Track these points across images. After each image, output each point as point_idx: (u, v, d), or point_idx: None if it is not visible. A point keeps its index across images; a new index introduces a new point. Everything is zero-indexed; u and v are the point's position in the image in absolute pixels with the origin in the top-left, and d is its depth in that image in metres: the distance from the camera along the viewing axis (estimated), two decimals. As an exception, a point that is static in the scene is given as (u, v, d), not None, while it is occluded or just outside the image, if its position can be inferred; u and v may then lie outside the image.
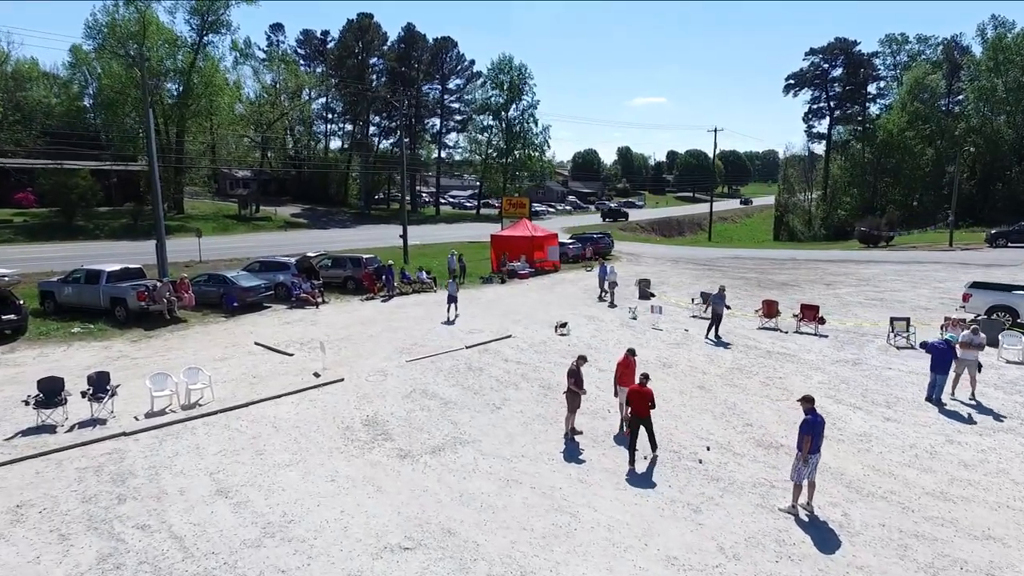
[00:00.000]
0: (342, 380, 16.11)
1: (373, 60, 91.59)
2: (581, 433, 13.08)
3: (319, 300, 25.75)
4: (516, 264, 34.54)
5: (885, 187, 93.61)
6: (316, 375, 16.46)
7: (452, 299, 23.90)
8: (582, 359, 12.99)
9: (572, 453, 12.22)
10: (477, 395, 15.24)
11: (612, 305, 27.23)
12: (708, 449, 12.40)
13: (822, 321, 21.82)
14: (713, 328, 20.88)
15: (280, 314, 24.06)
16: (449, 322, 23.30)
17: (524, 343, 20.11)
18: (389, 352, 18.78)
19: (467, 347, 19.33)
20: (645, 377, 11.96)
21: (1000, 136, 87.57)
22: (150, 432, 12.72)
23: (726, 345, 20.12)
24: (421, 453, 12.04)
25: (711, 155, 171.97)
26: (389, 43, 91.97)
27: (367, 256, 29.77)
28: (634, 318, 23.94)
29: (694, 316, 24.44)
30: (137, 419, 13.35)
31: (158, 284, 21.98)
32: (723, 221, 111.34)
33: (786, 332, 21.84)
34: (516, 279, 33.73)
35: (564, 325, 21.51)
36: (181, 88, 64.07)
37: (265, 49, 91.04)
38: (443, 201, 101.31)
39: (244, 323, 22.43)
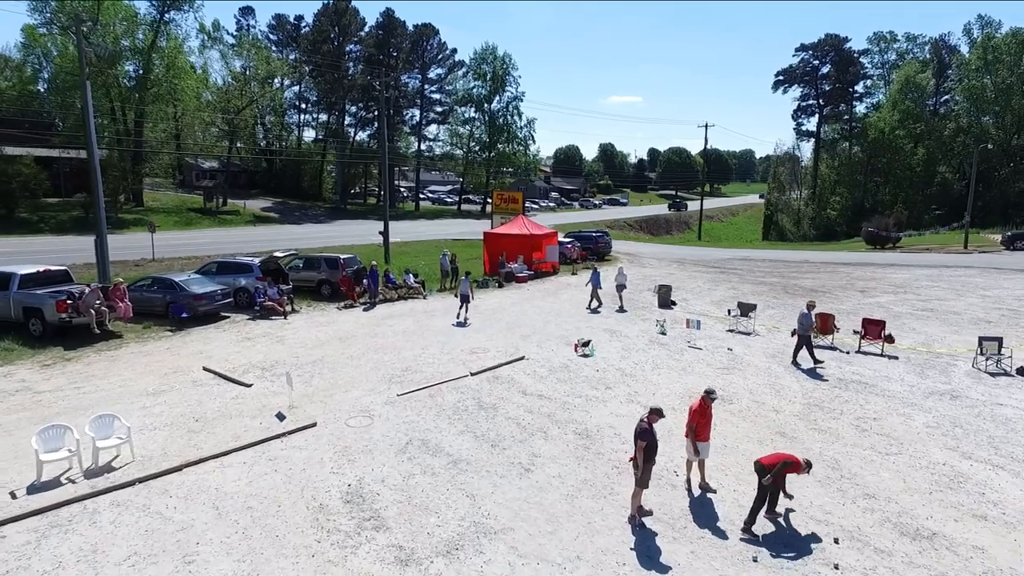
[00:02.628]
0: (314, 425, 12.18)
1: (349, 47, 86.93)
2: (650, 513, 9.37)
3: (288, 309, 21.68)
4: (513, 266, 30.74)
5: (875, 187, 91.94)
6: (280, 417, 12.51)
7: (465, 299, 21.84)
8: (656, 414, 9.24)
9: (648, 551, 8.49)
10: (496, 448, 11.43)
11: (622, 310, 24.18)
12: (836, 542, 8.77)
13: (890, 339, 18.42)
14: (805, 352, 16.92)
15: (240, 327, 19.95)
16: (460, 323, 21.04)
17: (541, 367, 16.35)
18: (375, 381, 14.87)
19: (472, 374, 15.51)
20: (808, 465, 9.42)
21: (988, 136, 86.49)
22: (28, 521, 8.69)
23: (816, 375, 16.57)
24: (430, 555, 8.21)
25: (696, 153, 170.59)
26: (366, 29, 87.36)
27: (345, 256, 25.70)
28: (663, 333, 20.32)
29: (731, 331, 20.89)
30: (14, 496, 9.31)
31: (85, 290, 17.75)
32: (708, 220, 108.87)
33: (847, 352, 18.40)
34: (514, 283, 29.94)
35: (587, 344, 17.79)
36: (141, 70, 59.00)
37: (234, 33, 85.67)
38: (422, 196, 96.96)
39: (193, 339, 18.29)
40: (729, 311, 21.70)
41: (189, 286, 19.97)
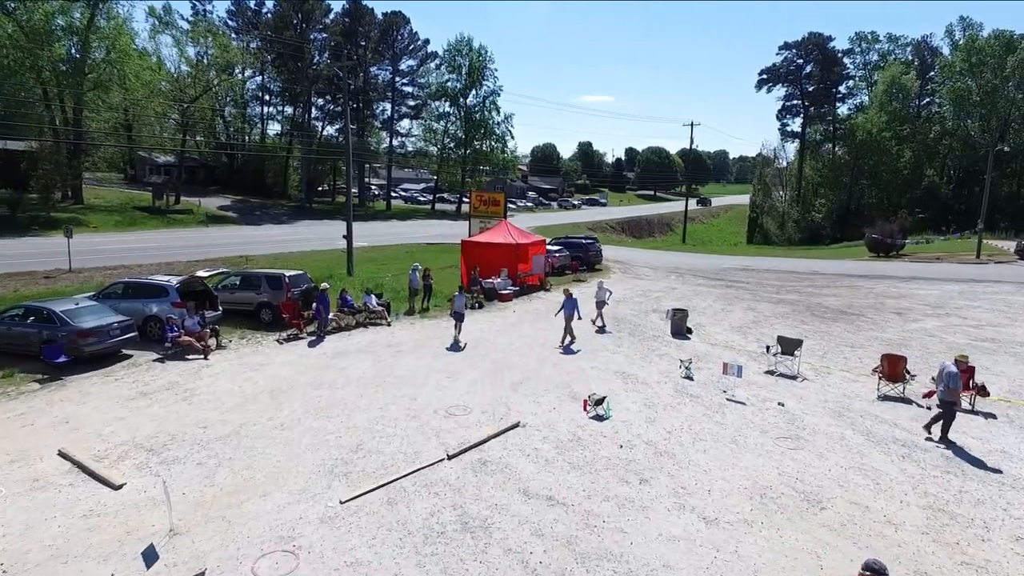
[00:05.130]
0: (202, 574, 7.66)
1: (314, 35, 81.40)
2: None
3: (210, 345, 16.96)
4: (496, 281, 26.34)
5: (861, 189, 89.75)
6: (148, 558, 7.93)
7: (459, 317, 18.93)
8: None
9: None
10: (492, 626, 7.03)
11: (602, 329, 20.95)
12: None
13: (983, 392, 14.45)
14: (943, 424, 12.41)
15: (139, 373, 15.17)
16: (457, 347, 18.34)
17: (543, 440, 11.98)
18: (310, 472, 10.34)
19: (449, 456, 11.06)
20: None
21: (973, 139, 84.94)
22: None
23: (911, 449, 12.41)
24: None
25: (674, 152, 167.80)
26: (332, 16, 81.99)
27: (291, 273, 20.91)
28: (689, 377, 16.11)
29: (770, 372, 16.78)
30: None
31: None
32: (690, 221, 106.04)
33: (927, 407, 14.35)
34: (496, 301, 25.55)
35: (601, 401, 13.44)
36: (78, 52, 53.12)
37: (190, 19, 79.48)
38: (394, 195, 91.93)
39: (67, 396, 13.51)
40: (768, 348, 17.53)
41: (73, 318, 15.10)
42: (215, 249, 37.96)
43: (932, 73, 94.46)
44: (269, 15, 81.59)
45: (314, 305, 19.17)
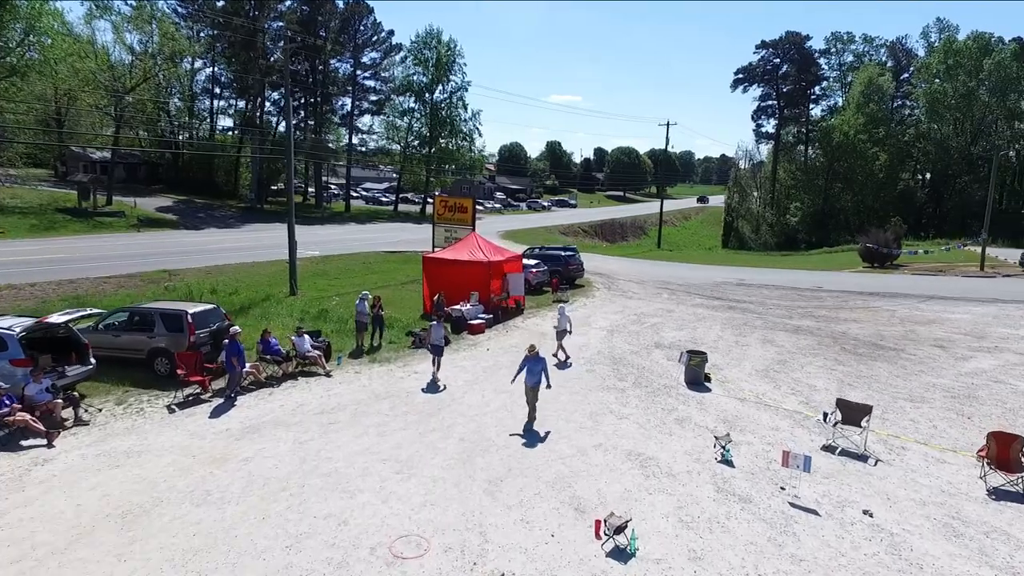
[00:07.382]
0: None
1: (269, 24, 75.48)
2: None
3: (64, 419, 12.07)
4: (465, 307, 21.81)
5: (837, 192, 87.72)
6: None
7: (437, 351, 16.05)
8: None
9: None
10: None
11: (564, 362, 17.75)
12: None
13: None
14: None
15: (-63, 477, 10.30)
16: (435, 386, 15.62)
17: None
18: None
19: (390, 672, 6.54)
20: None
21: (948, 142, 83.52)
22: None
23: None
24: None
25: (647, 153, 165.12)
26: (288, 3, 76.23)
27: (196, 309, 15.92)
28: (727, 461, 11.85)
29: (828, 448, 12.63)
30: None
31: None
32: (663, 224, 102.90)
33: (1063, 511, 10.36)
34: (466, 333, 21.03)
35: (622, 529, 9.05)
36: (-12, 34, 46.77)
37: (133, 3, 72.66)
38: (355, 195, 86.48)
39: None
40: (825, 416, 13.35)
41: None
42: (139, 260, 32.66)
43: (906, 75, 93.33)
44: (221, 1, 75.36)
45: (224, 354, 14.37)
